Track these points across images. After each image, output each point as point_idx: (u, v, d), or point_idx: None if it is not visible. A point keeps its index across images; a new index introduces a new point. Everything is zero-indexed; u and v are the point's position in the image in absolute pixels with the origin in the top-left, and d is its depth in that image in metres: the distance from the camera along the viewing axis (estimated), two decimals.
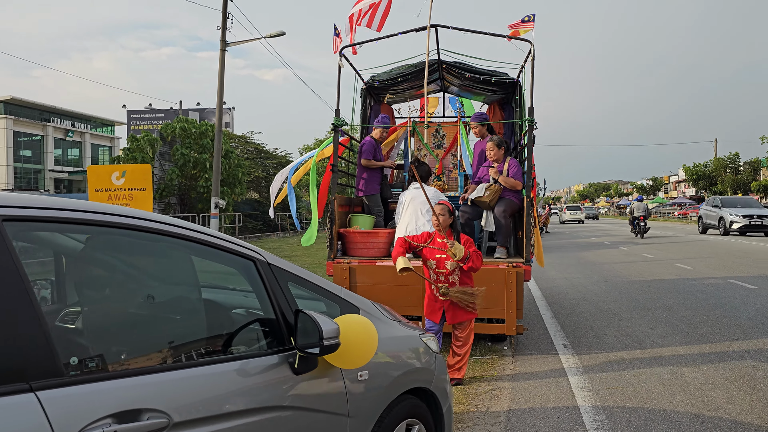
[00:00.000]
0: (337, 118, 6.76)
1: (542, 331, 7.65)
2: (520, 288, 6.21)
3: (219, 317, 2.54)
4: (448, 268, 5.21)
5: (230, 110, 57.31)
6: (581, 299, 10.05)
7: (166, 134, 27.42)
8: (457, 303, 5.28)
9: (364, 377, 2.75)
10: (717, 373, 5.63)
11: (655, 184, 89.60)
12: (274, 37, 18.76)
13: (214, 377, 2.14)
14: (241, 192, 29.54)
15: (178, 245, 2.27)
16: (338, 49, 6.75)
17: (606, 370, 5.90)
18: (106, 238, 2.03)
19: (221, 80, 18.72)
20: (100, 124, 59.63)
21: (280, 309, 2.48)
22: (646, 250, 19.37)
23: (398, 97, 8.93)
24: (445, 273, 5.25)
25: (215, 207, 18.80)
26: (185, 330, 2.26)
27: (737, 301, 9.22)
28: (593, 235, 30.44)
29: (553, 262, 16.00)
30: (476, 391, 5.33)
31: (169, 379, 1.99)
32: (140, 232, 2.09)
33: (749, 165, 48.49)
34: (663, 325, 7.76)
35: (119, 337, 1.96)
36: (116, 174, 10.31)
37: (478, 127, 7.65)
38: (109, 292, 1.99)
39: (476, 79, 7.68)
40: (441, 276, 5.27)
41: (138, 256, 2.17)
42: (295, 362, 2.41)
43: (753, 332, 7.21)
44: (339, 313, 2.83)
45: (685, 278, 12.16)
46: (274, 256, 2.61)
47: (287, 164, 39.93)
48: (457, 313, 5.32)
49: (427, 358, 3.28)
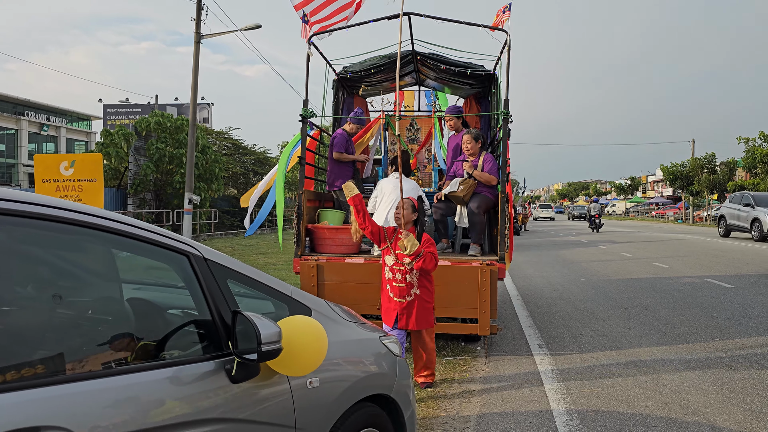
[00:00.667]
0: (305, 109, 6.49)
1: (517, 331, 7.46)
2: (494, 287, 5.99)
3: (148, 319, 2.27)
4: (406, 265, 4.93)
5: (209, 106, 56.54)
6: (558, 298, 9.89)
7: (141, 129, 26.80)
8: (413, 308, 5.00)
9: (315, 384, 2.50)
10: (694, 375, 5.47)
11: (633, 184, 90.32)
12: (250, 30, 18.39)
13: (137, 387, 1.89)
14: (218, 188, 29.00)
15: (96, 238, 2.00)
16: (307, 37, 6.48)
17: (581, 371, 5.71)
18: (2, 228, 1.75)
19: (195, 73, 18.31)
20: (75, 119, 58.57)
21: (217, 310, 2.22)
22: (623, 249, 19.34)
23: (372, 90, 8.67)
24: (402, 271, 4.97)
25: (189, 203, 18.40)
26: (102, 334, 1.99)
27: (714, 301, 9.12)
28: (571, 234, 30.47)
29: (530, 260, 15.88)
30: (446, 394, 5.11)
31: (78, 391, 1.73)
32: (47, 222, 1.82)
33: (725, 165, 48.92)
34: (640, 325, 7.61)
35: (13, 344, 1.69)
36: (65, 164, 9.76)
37: (453, 120, 7.43)
38: (3, 291, 1.71)
39: (451, 71, 7.44)
40: (398, 274, 4.99)
41: (43, 250, 1.89)
42: (232, 369, 2.16)
43: (730, 332, 7.09)
44: (287, 314, 2.58)
45: (662, 277, 12.07)
46: (212, 250, 2.35)
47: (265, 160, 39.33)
48: (412, 320, 5.02)
49: (388, 362, 3.04)
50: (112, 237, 2.02)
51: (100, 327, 1.99)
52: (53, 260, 1.95)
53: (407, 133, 8.45)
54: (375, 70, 7.64)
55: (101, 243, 2.04)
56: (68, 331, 1.89)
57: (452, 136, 7.58)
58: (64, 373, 1.76)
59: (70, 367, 1.79)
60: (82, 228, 1.92)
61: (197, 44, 18.27)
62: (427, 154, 8.54)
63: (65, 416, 1.67)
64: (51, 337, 1.81)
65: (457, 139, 7.35)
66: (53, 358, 1.77)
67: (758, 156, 38.66)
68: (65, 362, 1.79)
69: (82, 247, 2.03)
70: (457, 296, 5.99)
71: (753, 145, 40.00)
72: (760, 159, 38.45)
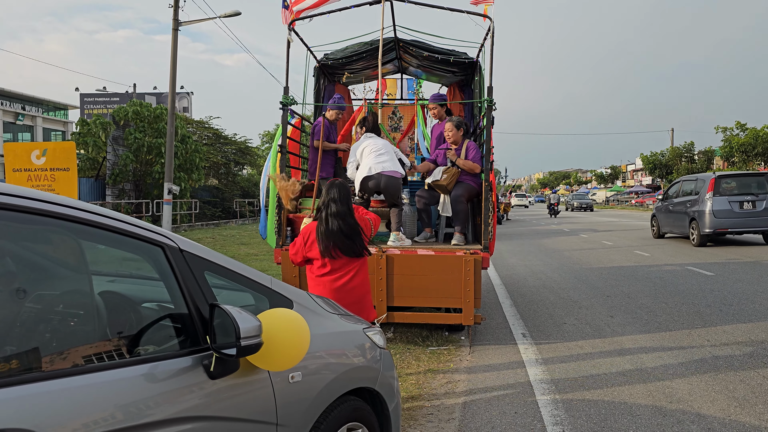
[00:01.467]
0: (286, 97, 6.37)
1: (501, 320, 7.44)
2: (478, 276, 5.95)
3: (121, 313, 2.17)
4: None
5: (189, 95, 55.87)
6: (541, 286, 9.89)
7: (119, 118, 26.36)
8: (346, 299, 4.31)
9: (297, 379, 2.42)
10: (677, 363, 5.48)
11: (613, 173, 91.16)
12: (229, 17, 18.10)
13: (109, 385, 1.80)
14: (199, 178, 28.66)
15: (64, 229, 1.89)
16: (287, 22, 6.34)
17: (565, 360, 5.70)
18: None
19: (174, 61, 18.01)
20: (52, 108, 57.48)
21: (194, 303, 2.13)
22: (605, 237, 19.46)
23: (354, 77, 8.56)
24: None
25: (168, 193, 18.16)
26: (71, 329, 1.88)
27: (695, 288, 9.18)
28: (553, 223, 30.64)
29: (513, 249, 15.91)
30: (431, 385, 5.06)
31: (44, 391, 1.63)
32: (9, 212, 1.71)
33: (703, 154, 49.53)
34: (622, 313, 7.63)
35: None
36: (36, 152, 9.46)
37: (437, 108, 7.35)
38: None
39: (434, 59, 7.36)
40: None
41: (6, 241, 1.78)
42: (211, 365, 2.07)
43: (712, 319, 7.12)
44: (268, 306, 2.50)
45: (644, 265, 12.14)
46: (189, 241, 2.25)
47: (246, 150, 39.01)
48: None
49: (372, 354, 2.98)
50: (82, 228, 1.92)
51: (68, 322, 1.89)
52: (17, 252, 1.84)
53: (389, 122, 8.37)
54: (357, 57, 7.54)
55: (69, 234, 1.94)
56: (34, 327, 1.78)
57: (436, 125, 7.50)
58: (30, 371, 1.66)
59: (36, 366, 1.69)
60: (49, 218, 1.81)
61: (175, 31, 17.96)
62: (410, 142, 8.46)
63: (30, 418, 1.57)
64: (15, 333, 1.71)
65: (440, 127, 7.27)
66: (17, 356, 1.67)
67: (735, 145, 39.17)
68: (30, 360, 1.69)
69: (48, 239, 1.92)
70: (440, 286, 5.93)
71: (730, 134, 40.53)
72: (737, 148, 38.97)
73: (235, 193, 36.64)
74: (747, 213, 15.03)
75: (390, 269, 5.96)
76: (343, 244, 4.10)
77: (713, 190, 15.24)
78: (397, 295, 6.00)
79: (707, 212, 15.06)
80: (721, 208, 14.99)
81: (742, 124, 40.27)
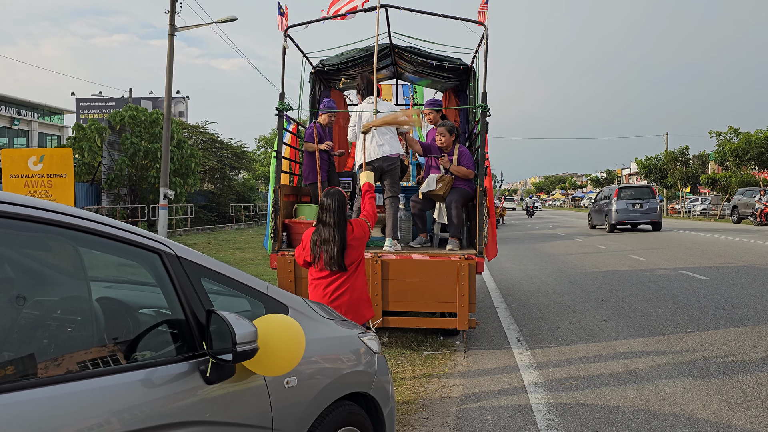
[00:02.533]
0: (282, 103, 6.40)
1: (496, 324, 7.47)
2: (473, 281, 5.98)
3: (118, 319, 2.19)
4: None
5: (184, 99, 55.92)
6: (536, 291, 9.93)
7: (115, 123, 26.35)
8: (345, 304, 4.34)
9: (292, 384, 2.45)
10: (671, 367, 5.52)
11: (609, 177, 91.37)
12: (225, 23, 18.16)
13: (106, 391, 1.82)
14: (195, 183, 28.65)
15: (63, 236, 1.92)
16: (283, 29, 6.38)
17: (559, 365, 5.73)
18: None
19: (170, 66, 18.04)
20: (48, 113, 57.45)
21: (191, 309, 2.16)
22: (599, 242, 19.53)
23: (350, 83, 8.60)
24: None
25: (164, 198, 18.16)
26: (69, 335, 1.91)
27: (689, 292, 9.23)
28: (548, 227, 30.71)
29: (508, 254, 15.96)
30: (425, 389, 5.09)
31: (41, 397, 1.66)
32: (8, 220, 1.74)
33: (698, 158, 49.67)
34: (616, 317, 7.67)
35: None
36: (33, 159, 9.46)
37: (432, 113, 7.39)
38: None
39: (429, 65, 7.41)
40: None
41: (5, 249, 1.81)
42: (207, 370, 2.10)
43: (705, 323, 7.17)
44: (264, 312, 2.52)
45: (638, 269, 12.20)
46: (185, 248, 2.28)
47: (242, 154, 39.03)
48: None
49: (367, 359, 3.00)
50: (80, 235, 1.95)
51: (66, 328, 1.91)
52: (16, 259, 1.87)
53: None
54: (352, 63, 7.58)
55: (68, 241, 1.96)
56: (32, 333, 1.81)
57: (431, 130, 7.54)
58: (27, 377, 1.68)
59: (33, 372, 1.71)
60: (48, 226, 1.84)
61: (171, 37, 18.00)
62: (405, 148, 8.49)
63: (27, 424, 1.59)
64: (13, 339, 1.74)
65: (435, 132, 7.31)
66: (15, 362, 1.69)
67: (728, 150, 39.32)
68: (28, 366, 1.72)
69: (47, 246, 1.95)
70: (435, 290, 5.96)
71: (724, 139, 40.66)
72: (731, 153, 39.12)
73: (231, 197, 36.62)
74: (637, 211, 23.26)
75: (385, 274, 5.99)
76: (328, 254, 4.20)
77: (617, 197, 23.47)
78: (393, 300, 6.03)
79: (613, 210, 23.35)
80: (620, 208, 23.20)
81: (735, 128, 40.42)
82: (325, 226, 4.23)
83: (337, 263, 4.20)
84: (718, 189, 42.59)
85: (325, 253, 4.21)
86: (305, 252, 4.37)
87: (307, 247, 4.35)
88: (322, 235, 4.23)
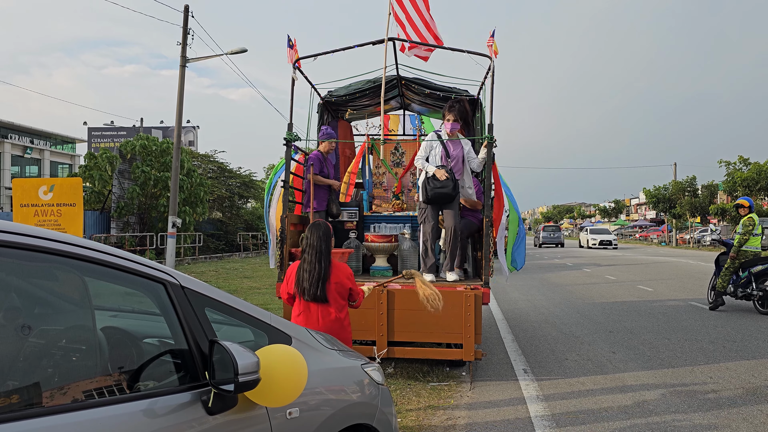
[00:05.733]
0: (290, 133, 6.48)
1: (502, 356, 7.41)
2: (479, 311, 5.96)
3: (122, 348, 2.21)
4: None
5: (195, 129, 56.49)
6: (543, 322, 9.86)
7: (126, 152, 26.66)
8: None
9: (294, 415, 2.44)
10: (680, 401, 5.45)
11: (617, 207, 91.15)
12: (235, 54, 18.45)
13: (109, 421, 1.83)
14: (203, 211, 28.81)
15: (69, 266, 1.95)
16: (292, 61, 6.49)
17: (567, 397, 5.67)
18: None
19: (181, 96, 18.30)
20: (60, 141, 58.16)
21: (194, 339, 2.17)
22: (608, 272, 19.42)
23: (357, 114, 8.70)
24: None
25: (173, 226, 18.26)
26: (73, 364, 1.93)
27: (698, 324, 9.14)
28: (556, 257, 30.58)
29: (515, 284, 15.88)
30: (431, 421, 5.04)
31: (45, 426, 1.67)
32: (15, 250, 1.77)
33: (706, 188, 49.57)
34: (625, 349, 7.60)
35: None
36: (44, 188, 9.64)
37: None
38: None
39: (436, 96, 7.49)
40: None
41: (12, 278, 1.84)
42: (209, 400, 2.10)
43: (715, 356, 7.09)
44: (267, 342, 2.53)
45: (647, 300, 12.11)
46: (190, 278, 2.30)
47: (251, 183, 39.12)
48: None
49: (370, 390, 2.99)
50: (86, 265, 1.98)
51: (71, 357, 1.93)
52: (22, 288, 1.89)
53: (392, 157, 8.47)
54: (360, 94, 7.68)
55: (74, 271, 1.99)
56: (37, 362, 1.83)
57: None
58: (32, 406, 1.70)
59: (37, 401, 1.72)
60: (54, 256, 1.87)
61: (183, 68, 18.29)
62: (412, 177, 8.54)
63: None
64: (19, 368, 1.75)
65: None
66: (20, 391, 1.71)
67: (738, 180, 39.20)
68: (32, 395, 1.73)
69: (53, 276, 1.98)
70: (441, 321, 5.94)
71: (733, 168, 40.58)
72: (740, 182, 38.99)
73: (239, 226, 36.75)
74: (551, 237, 45.84)
75: (391, 304, 5.98)
76: (307, 282, 4.15)
77: (543, 230, 47.36)
78: (398, 330, 6.01)
79: (540, 236, 46.68)
80: (544, 234, 46.34)
81: (745, 158, 40.39)
82: (307, 256, 4.19)
83: (315, 292, 4.14)
84: (728, 219, 42.37)
85: (306, 282, 4.16)
86: (289, 285, 4.33)
87: (291, 279, 4.31)
88: (304, 266, 4.20)
